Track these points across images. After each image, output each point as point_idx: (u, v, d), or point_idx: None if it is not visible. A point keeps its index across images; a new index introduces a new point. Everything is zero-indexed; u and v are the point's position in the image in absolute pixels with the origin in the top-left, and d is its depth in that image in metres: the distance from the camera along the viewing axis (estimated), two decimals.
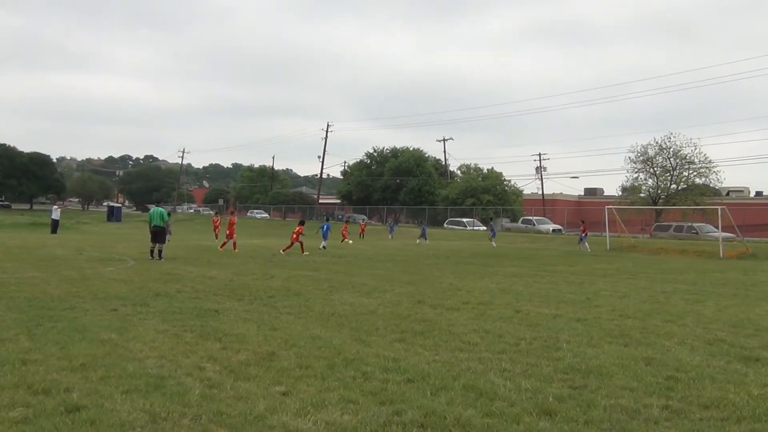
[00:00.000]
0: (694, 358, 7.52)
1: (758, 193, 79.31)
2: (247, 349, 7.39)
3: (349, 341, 8.05)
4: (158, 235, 21.06)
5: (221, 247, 27.00)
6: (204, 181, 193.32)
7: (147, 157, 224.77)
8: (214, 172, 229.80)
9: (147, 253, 21.30)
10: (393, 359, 7.05)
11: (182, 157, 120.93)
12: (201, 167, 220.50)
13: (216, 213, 49.40)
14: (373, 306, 11.30)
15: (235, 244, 26.74)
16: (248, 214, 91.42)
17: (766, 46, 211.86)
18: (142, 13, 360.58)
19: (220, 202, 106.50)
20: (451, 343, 8.03)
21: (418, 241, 41.40)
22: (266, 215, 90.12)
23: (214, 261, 20.84)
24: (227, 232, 27.54)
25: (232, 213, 31.15)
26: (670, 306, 12.29)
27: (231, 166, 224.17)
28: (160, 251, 20.76)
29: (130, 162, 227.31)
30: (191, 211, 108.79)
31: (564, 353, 7.58)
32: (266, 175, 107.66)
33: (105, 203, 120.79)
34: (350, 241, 38.15)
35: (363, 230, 47.45)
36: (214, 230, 36.83)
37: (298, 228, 26.94)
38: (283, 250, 25.99)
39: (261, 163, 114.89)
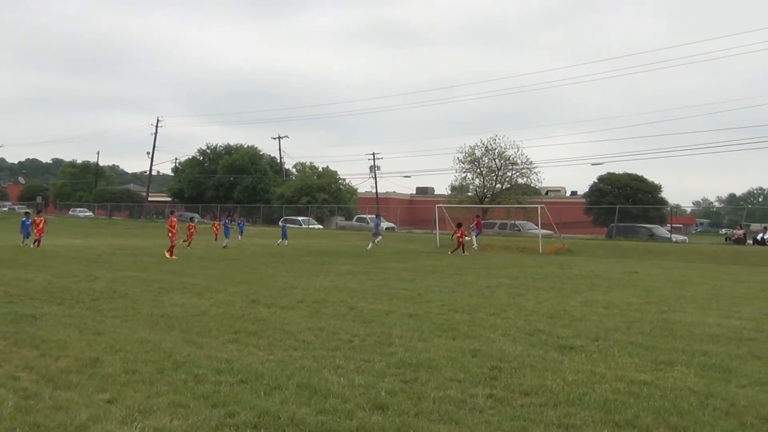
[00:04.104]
0: (516, 348, 7.99)
1: (573, 193, 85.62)
2: (68, 356, 6.96)
3: (179, 344, 7.81)
4: None
5: (170, 253, 23.71)
6: (20, 178, 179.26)
7: None
8: (31, 167, 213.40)
9: None
10: (226, 360, 6.93)
11: None
12: (17, 162, 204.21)
13: (26, 213, 40.97)
14: (206, 306, 11.02)
15: (172, 248, 24.21)
16: (70, 212, 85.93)
17: (575, 56, 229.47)
18: None
19: (38, 199, 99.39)
20: (285, 342, 8.01)
21: (278, 242, 36.36)
22: (90, 214, 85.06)
23: (31, 263, 19.41)
24: (169, 234, 24.77)
25: (172, 213, 27.41)
26: (494, 300, 12.97)
27: (51, 162, 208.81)
28: None
29: None
30: (5, 209, 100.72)
31: (396, 348, 7.79)
32: (90, 172, 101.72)
33: None
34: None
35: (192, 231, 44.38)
36: (36, 232, 32.43)
37: (459, 231, 30.88)
38: (451, 252, 29.39)
39: (84, 159, 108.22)
